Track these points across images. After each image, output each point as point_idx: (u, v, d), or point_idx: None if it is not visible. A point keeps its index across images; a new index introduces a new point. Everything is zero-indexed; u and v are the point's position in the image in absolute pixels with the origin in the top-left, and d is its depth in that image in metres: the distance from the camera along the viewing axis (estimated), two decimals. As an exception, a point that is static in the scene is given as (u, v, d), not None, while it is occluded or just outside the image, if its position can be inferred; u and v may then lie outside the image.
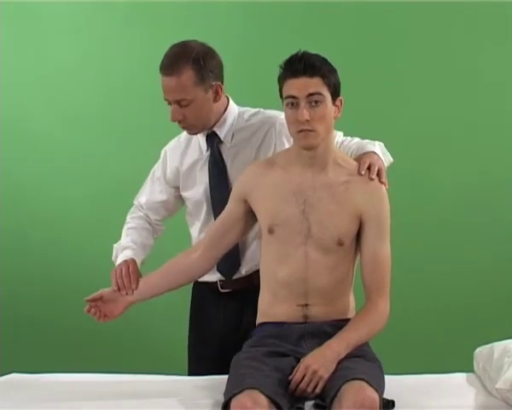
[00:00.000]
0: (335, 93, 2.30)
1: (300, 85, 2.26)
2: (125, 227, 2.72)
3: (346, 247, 2.34)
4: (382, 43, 3.78)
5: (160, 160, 2.74)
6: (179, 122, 2.52)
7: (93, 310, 2.55)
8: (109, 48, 3.86)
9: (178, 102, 2.49)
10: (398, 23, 3.77)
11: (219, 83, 2.53)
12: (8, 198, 3.89)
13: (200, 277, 2.59)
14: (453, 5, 3.69)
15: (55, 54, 3.87)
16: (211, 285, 2.70)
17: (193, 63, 2.48)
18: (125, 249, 2.63)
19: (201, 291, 2.76)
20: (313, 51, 2.32)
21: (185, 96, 2.48)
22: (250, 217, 2.45)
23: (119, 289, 2.54)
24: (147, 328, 3.92)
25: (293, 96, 2.27)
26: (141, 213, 2.73)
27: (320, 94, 2.26)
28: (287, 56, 2.31)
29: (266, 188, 2.38)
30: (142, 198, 2.73)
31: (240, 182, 2.46)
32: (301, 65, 2.26)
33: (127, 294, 2.54)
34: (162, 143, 2.84)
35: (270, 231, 2.36)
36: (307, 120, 2.26)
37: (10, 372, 2.62)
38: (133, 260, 2.58)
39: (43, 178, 3.91)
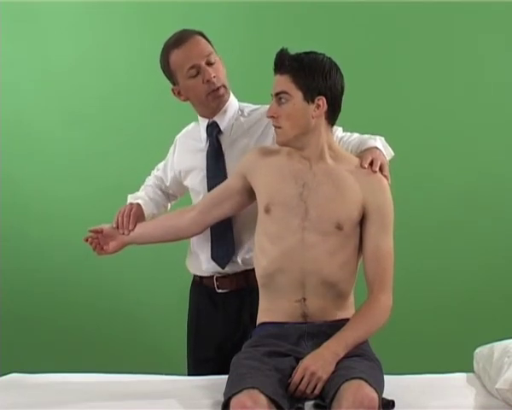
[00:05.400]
0: (309, 92, 2.30)
1: (274, 82, 2.34)
2: (143, 186, 2.83)
3: (346, 232, 2.33)
4: (383, 45, 3.78)
5: (172, 146, 2.81)
6: (214, 84, 2.58)
7: (90, 240, 2.65)
8: (109, 48, 3.86)
9: (208, 61, 2.58)
10: (400, 23, 3.78)
11: None
12: (8, 198, 3.89)
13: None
14: (454, 5, 3.69)
15: (55, 54, 3.87)
16: (207, 284, 2.71)
17: (197, 33, 2.63)
18: (137, 199, 2.73)
19: (199, 294, 2.77)
20: (316, 49, 2.34)
21: (210, 49, 2.60)
22: (246, 195, 2.48)
23: (117, 227, 2.63)
24: (147, 328, 3.92)
25: (271, 94, 2.34)
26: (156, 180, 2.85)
27: (285, 93, 2.31)
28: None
29: (268, 168, 2.41)
30: (158, 173, 2.83)
31: (244, 160, 2.50)
32: (276, 62, 2.33)
33: (123, 233, 2.63)
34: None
35: (267, 210, 2.37)
36: (273, 117, 2.33)
37: (10, 372, 2.62)
38: (138, 205, 2.68)
39: (43, 178, 3.91)
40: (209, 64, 2.58)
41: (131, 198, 2.74)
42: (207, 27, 2.70)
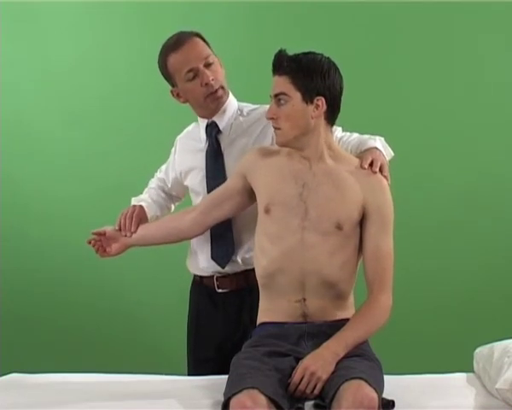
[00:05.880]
0: (308, 93, 2.30)
1: (273, 84, 2.34)
2: (146, 188, 2.83)
3: (346, 232, 2.33)
4: (383, 45, 3.78)
5: (173, 147, 2.81)
6: (212, 87, 2.58)
7: (93, 242, 2.66)
8: (109, 48, 3.86)
9: (206, 63, 2.57)
10: (400, 23, 3.78)
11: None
12: (8, 198, 3.89)
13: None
14: (454, 5, 3.69)
15: (55, 54, 3.87)
16: (208, 283, 2.71)
17: (195, 35, 2.62)
18: (140, 202, 2.73)
19: (199, 294, 2.77)
20: (316, 49, 2.34)
21: (208, 52, 2.59)
22: (247, 195, 2.48)
23: (120, 229, 2.64)
24: (147, 328, 3.92)
25: (270, 95, 2.35)
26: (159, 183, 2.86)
27: (284, 94, 2.31)
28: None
29: (268, 168, 2.42)
30: (161, 174, 2.83)
31: (243, 160, 2.50)
32: (274, 63, 2.33)
33: (126, 235, 2.63)
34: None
35: (267, 210, 2.37)
36: (273, 118, 2.33)
37: (10, 372, 2.62)
38: (141, 207, 2.68)
39: (43, 178, 3.91)
40: (207, 66, 2.58)
41: (135, 201, 2.74)
42: (207, 27, 2.70)
